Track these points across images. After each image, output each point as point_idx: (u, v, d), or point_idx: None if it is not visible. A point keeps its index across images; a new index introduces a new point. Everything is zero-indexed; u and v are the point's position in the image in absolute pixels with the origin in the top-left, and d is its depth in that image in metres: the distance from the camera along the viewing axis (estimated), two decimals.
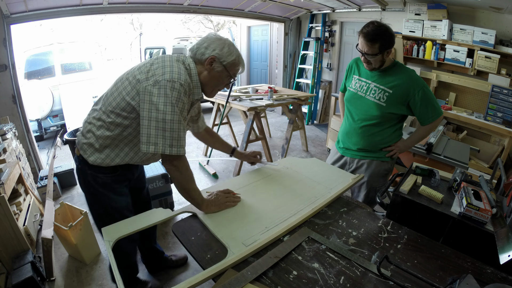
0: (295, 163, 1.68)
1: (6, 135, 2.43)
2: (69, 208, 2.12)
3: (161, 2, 3.85)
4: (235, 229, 1.10)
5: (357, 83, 1.66)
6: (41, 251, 1.87)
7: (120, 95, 1.13)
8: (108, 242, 0.99)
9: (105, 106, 1.17)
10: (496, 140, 3.07)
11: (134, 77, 1.11)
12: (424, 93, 1.48)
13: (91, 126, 1.20)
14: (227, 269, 0.91)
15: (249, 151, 1.66)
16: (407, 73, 1.52)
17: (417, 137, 1.69)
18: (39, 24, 9.33)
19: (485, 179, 1.32)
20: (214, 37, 1.16)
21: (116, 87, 1.17)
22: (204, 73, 1.17)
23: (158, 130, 1.04)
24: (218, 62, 1.15)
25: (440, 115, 1.54)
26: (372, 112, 1.59)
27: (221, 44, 1.14)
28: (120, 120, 1.15)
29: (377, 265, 0.89)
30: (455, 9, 3.27)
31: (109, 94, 1.18)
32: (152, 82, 1.05)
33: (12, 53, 2.93)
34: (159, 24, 14.90)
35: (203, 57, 1.15)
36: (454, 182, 1.30)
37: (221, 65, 1.15)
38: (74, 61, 5.16)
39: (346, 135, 1.75)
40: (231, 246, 1.00)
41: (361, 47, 1.47)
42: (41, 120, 4.60)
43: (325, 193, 1.35)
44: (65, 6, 3.20)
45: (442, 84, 3.36)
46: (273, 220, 1.15)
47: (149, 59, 1.18)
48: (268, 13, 5.13)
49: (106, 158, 1.21)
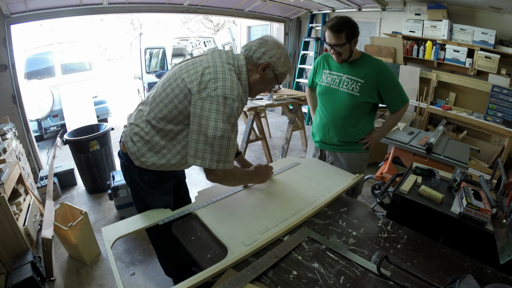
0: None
1: (6, 135, 2.43)
2: (69, 208, 2.12)
3: (161, 2, 3.85)
4: (235, 229, 1.10)
5: (328, 77, 1.71)
6: (41, 251, 1.87)
7: (172, 103, 1.09)
8: (108, 242, 0.99)
9: (154, 112, 1.14)
10: (496, 140, 3.07)
11: (182, 80, 1.08)
12: (392, 82, 1.59)
13: (138, 129, 1.18)
14: (227, 269, 0.91)
15: (254, 166, 1.48)
16: (375, 63, 1.60)
17: (387, 126, 1.77)
18: (39, 24, 9.33)
19: (485, 179, 1.32)
20: (273, 44, 1.16)
21: (166, 93, 1.12)
22: (255, 76, 1.17)
23: (207, 145, 1.05)
24: (271, 69, 1.15)
25: (406, 102, 1.66)
26: (347, 103, 1.64)
27: (279, 54, 1.15)
28: (171, 127, 1.13)
29: (377, 265, 0.89)
30: (455, 9, 3.27)
31: (159, 101, 1.13)
32: (204, 96, 1.03)
33: (12, 53, 2.93)
34: (159, 24, 14.90)
35: (259, 61, 1.14)
36: (454, 182, 1.30)
37: (273, 73, 1.16)
38: (74, 61, 5.15)
39: (322, 129, 1.79)
40: (231, 246, 1.00)
41: (328, 40, 1.54)
42: (41, 120, 4.60)
43: (325, 193, 1.35)
44: (65, 6, 3.19)
45: (442, 84, 3.36)
46: (273, 220, 1.15)
47: (198, 59, 1.14)
48: (268, 13, 5.13)
49: (152, 165, 1.20)
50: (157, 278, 1.91)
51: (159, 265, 2.00)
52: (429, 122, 3.48)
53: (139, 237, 2.29)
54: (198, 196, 1.36)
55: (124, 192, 2.36)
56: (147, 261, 2.05)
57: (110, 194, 2.36)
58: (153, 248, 2.15)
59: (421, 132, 2.53)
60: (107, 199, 2.80)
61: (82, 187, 3.11)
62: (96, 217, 2.59)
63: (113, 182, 2.37)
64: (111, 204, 2.72)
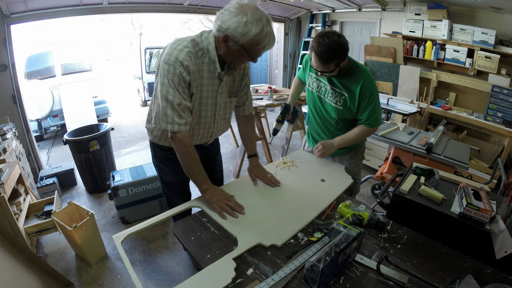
0: (299, 158, 1.73)
1: (6, 135, 2.44)
2: (77, 208, 2.09)
3: (161, 2, 3.85)
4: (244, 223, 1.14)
5: (315, 83, 1.62)
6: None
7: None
8: (118, 241, 1.03)
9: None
10: (496, 140, 3.07)
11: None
12: (373, 100, 1.46)
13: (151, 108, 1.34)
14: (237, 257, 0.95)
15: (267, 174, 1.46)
16: (361, 76, 1.45)
17: (349, 138, 1.58)
18: (39, 24, 9.32)
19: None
20: (234, 10, 1.03)
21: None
22: (222, 50, 1.12)
23: (159, 106, 1.18)
24: (232, 41, 1.06)
25: (378, 125, 1.54)
26: (332, 114, 1.59)
27: (237, 22, 1.02)
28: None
29: (377, 265, 0.89)
30: (455, 9, 3.27)
31: None
32: (160, 63, 1.15)
33: (12, 53, 2.93)
34: (159, 24, 14.90)
35: (218, 34, 1.08)
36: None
37: (237, 45, 1.06)
38: (74, 61, 5.15)
39: (315, 132, 1.80)
40: (241, 233, 1.06)
41: (315, 65, 1.39)
42: (41, 120, 4.60)
43: (329, 196, 1.34)
44: (65, 6, 3.20)
45: (442, 84, 3.36)
46: (275, 229, 1.12)
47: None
48: (268, 13, 5.13)
49: (155, 137, 1.40)
50: (157, 278, 1.91)
51: (159, 265, 2.01)
52: (429, 122, 3.48)
53: (139, 237, 2.29)
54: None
55: (124, 192, 2.36)
56: (147, 261, 2.06)
57: (110, 194, 2.36)
58: (153, 248, 2.17)
59: (421, 132, 2.53)
60: (107, 199, 2.80)
61: (82, 187, 3.11)
62: (96, 217, 2.57)
63: (113, 182, 2.38)
64: (111, 204, 2.72)
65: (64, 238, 2.12)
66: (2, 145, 2.19)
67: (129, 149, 4.40)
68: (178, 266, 2.01)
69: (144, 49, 5.69)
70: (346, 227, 0.99)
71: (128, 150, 4.36)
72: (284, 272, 0.89)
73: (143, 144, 4.57)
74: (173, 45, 1.15)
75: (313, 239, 1.04)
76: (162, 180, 1.57)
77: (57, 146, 4.60)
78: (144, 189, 2.43)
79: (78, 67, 5.14)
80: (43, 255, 2.09)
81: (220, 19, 1.06)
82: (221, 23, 1.05)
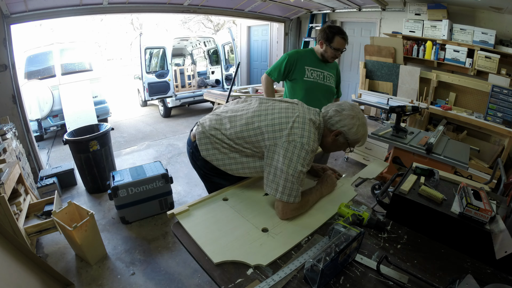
0: None
1: (6, 135, 2.43)
2: (77, 208, 2.09)
3: (161, 2, 3.85)
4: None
5: (313, 73, 1.99)
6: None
7: (256, 138, 1.25)
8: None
9: (237, 136, 1.29)
10: (496, 140, 3.07)
11: (273, 127, 1.22)
12: (338, 72, 2.15)
13: (217, 144, 1.34)
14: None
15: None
16: (334, 64, 2.08)
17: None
18: (39, 24, 9.34)
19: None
20: (348, 114, 1.25)
21: (253, 127, 1.26)
22: (328, 139, 1.29)
23: (281, 179, 1.17)
24: (343, 136, 1.26)
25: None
26: (330, 94, 2.08)
27: (351, 124, 1.24)
28: (241, 148, 1.29)
29: (377, 265, 0.89)
30: (455, 9, 3.27)
31: (245, 130, 1.27)
32: (291, 139, 1.17)
33: (12, 53, 2.93)
34: (159, 24, 14.91)
35: (332, 127, 1.27)
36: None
37: (345, 140, 1.27)
38: (74, 61, 5.14)
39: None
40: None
41: (339, 46, 1.91)
42: (41, 120, 4.60)
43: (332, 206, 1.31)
44: (65, 6, 3.20)
45: (442, 84, 3.36)
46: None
47: (284, 111, 1.26)
48: (268, 13, 5.13)
49: (212, 161, 1.38)
50: (157, 278, 1.91)
51: (159, 265, 2.01)
52: (429, 122, 3.48)
53: (139, 237, 2.29)
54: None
55: (124, 192, 2.36)
56: (147, 261, 2.06)
57: (110, 194, 2.36)
58: (153, 248, 2.17)
59: (421, 132, 2.52)
60: (107, 199, 2.80)
61: (82, 187, 3.11)
62: (96, 217, 2.57)
63: (113, 182, 2.37)
64: (111, 204, 2.72)
65: (64, 238, 2.12)
66: (2, 145, 2.19)
67: (129, 149, 4.41)
68: (178, 266, 2.01)
69: (144, 49, 5.67)
70: (346, 227, 0.99)
71: (128, 150, 4.37)
72: (284, 272, 0.89)
73: (143, 144, 4.57)
74: (308, 129, 1.19)
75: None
76: (214, 185, 1.52)
77: (57, 146, 4.60)
78: (144, 189, 2.43)
79: (78, 67, 5.14)
80: (43, 255, 2.09)
81: (336, 118, 1.26)
82: (337, 121, 1.26)
